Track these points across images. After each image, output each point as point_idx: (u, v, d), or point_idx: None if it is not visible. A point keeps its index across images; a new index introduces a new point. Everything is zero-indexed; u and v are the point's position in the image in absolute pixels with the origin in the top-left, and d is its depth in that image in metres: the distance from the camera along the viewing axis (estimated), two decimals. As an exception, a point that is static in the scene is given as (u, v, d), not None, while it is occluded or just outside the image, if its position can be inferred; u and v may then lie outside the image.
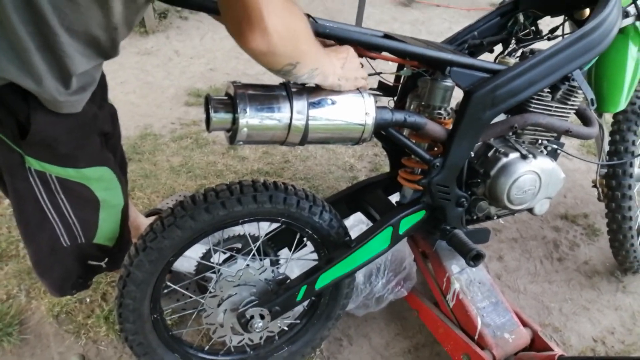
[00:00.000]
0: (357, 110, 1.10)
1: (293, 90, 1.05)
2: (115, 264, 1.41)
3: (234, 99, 1.01)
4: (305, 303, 1.53)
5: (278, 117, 1.03)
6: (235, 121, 1.02)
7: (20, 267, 1.83)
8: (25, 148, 1.06)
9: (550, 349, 1.54)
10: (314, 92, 1.08)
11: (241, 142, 1.05)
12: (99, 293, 1.77)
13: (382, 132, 1.25)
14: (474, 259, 1.34)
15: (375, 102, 1.14)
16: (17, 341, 1.61)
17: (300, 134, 1.06)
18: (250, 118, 1.01)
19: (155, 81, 2.99)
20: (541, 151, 1.48)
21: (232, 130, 1.04)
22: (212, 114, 1.01)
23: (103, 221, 1.30)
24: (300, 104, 1.04)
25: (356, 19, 3.65)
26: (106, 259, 1.39)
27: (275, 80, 1.06)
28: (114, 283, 1.80)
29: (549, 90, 1.38)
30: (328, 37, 1.13)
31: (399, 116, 1.19)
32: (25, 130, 1.02)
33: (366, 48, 1.19)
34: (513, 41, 1.59)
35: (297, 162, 2.50)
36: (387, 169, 2.50)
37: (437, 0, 4.61)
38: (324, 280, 1.38)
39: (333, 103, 1.08)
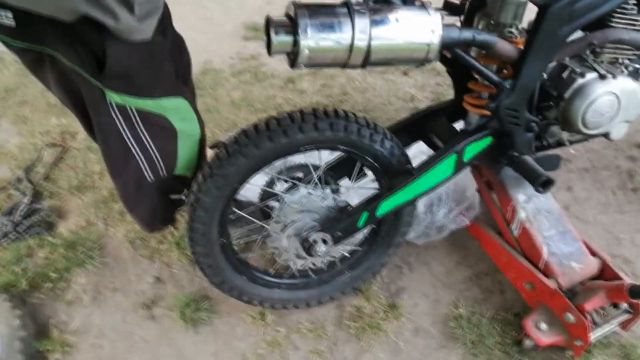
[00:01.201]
0: (422, 28, 1.05)
1: (355, 8, 1.01)
2: None
3: (295, 20, 0.99)
4: (366, 230, 1.54)
5: (340, 37, 1.00)
6: (296, 43, 1.00)
7: (97, 197, 1.95)
8: (104, 82, 1.12)
9: (620, 279, 1.49)
10: (377, 10, 1.03)
11: (302, 65, 1.03)
12: (169, 221, 1.86)
13: (448, 53, 1.19)
14: (543, 185, 1.29)
15: (442, 19, 1.08)
16: (98, 263, 1.74)
17: (362, 54, 1.03)
18: (312, 39, 0.98)
19: (213, 16, 2.98)
20: (621, 71, 1.36)
21: (293, 53, 1.02)
22: (272, 37, 1.00)
23: (181, 150, 1.36)
24: (362, 23, 1.00)
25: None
26: (186, 191, 1.45)
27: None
28: (184, 212, 1.89)
29: (635, 1, 1.25)
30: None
31: (467, 34, 1.12)
32: (102, 64, 1.07)
33: (432, -39, 1.11)
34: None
35: (355, 94, 2.45)
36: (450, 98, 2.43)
37: None
38: (385, 207, 1.38)
39: (397, 21, 1.03)
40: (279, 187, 1.53)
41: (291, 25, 1.01)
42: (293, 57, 1.03)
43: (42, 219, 1.83)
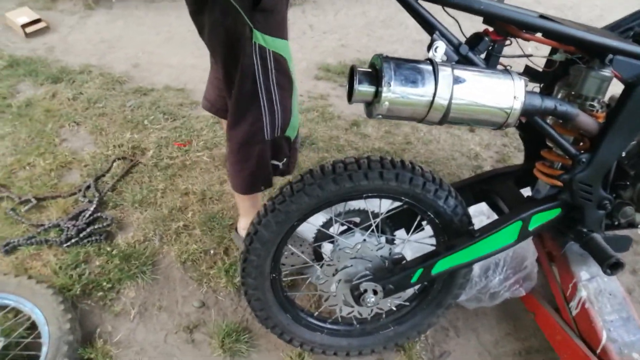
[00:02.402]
0: (505, 92, 1.04)
1: (439, 66, 1.02)
2: (289, 168, 1.69)
3: (379, 71, 1.01)
4: (417, 286, 1.51)
5: (421, 93, 1.01)
6: (377, 94, 1.01)
7: (157, 214, 2.01)
8: (254, 20, 1.35)
9: (687, 380, 1.38)
10: (461, 70, 1.04)
11: (380, 116, 1.04)
12: (222, 247, 1.90)
13: (524, 118, 1.18)
14: (612, 267, 1.23)
15: (526, 85, 1.07)
16: (149, 279, 1.78)
17: (441, 112, 1.03)
18: (394, 92, 1.00)
19: (288, 54, 3.09)
20: None
21: (373, 103, 1.04)
22: (355, 86, 1.02)
23: (293, 107, 1.54)
24: (445, 82, 1.01)
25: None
26: (285, 160, 1.64)
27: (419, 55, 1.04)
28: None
29: None
30: (482, 13, 1.08)
31: (549, 103, 1.11)
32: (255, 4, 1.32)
33: (520, 27, 1.12)
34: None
35: (419, 144, 2.45)
36: (515, 161, 2.39)
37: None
38: (441, 266, 1.35)
39: (480, 83, 1.03)
40: (335, 229, 1.53)
41: (375, 76, 1.03)
42: (372, 107, 1.05)
43: (103, 228, 1.91)
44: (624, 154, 1.29)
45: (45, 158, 2.21)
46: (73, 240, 1.84)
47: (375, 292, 1.36)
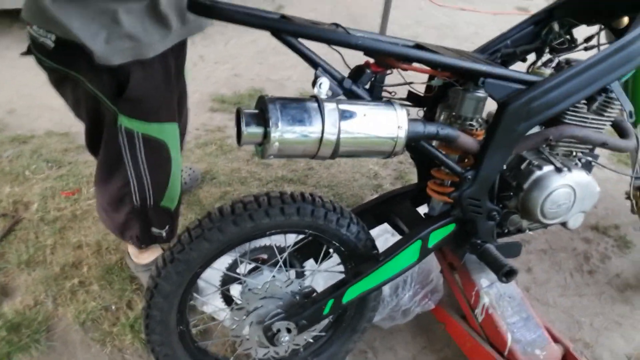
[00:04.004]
0: (389, 123, 1.08)
1: (325, 103, 1.03)
2: (172, 234, 1.68)
3: (266, 112, 1.00)
4: (331, 316, 1.51)
5: (310, 130, 1.01)
6: (266, 135, 1.00)
7: (47, 273, 1.84)
8: (120, 105, 1.32)
9: (583, 367, 1.50)
10: (345, 104, 1.06)
11: (272, 156, 1.03)
12: (124, 301, 1.78)
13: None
14: (506, 275, 1.31)
15: (407, 114, 1.11)
16: (45, 348, 1.62)
17: (331, 148, 1.05)
18: (282, 132, 0.99)
19: (180, 87, 3.02)
20: (575, 164, 1.43)
21: (264, 144, 1.03)
22: (243, 128, 1.00)
23: (172, 181, 1.52)
24: (332, 118, 1.02)
25: (381, 24, 3.63)
26: (167, 227, 1.63)
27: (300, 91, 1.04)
28: (139, 291, 1.81)
29: (585, 101, 1.34)
30: (359, 48, 1.11)
31: (432, 129, 1.16)
32: (122, 88, 1.29)
33: (398, 59, 1.16)
34: (547, 50, 1.54)
35: (321, 169, 2.48)
36: (412, 177, 2.49)
37: (462, 3, 4.54)
38: (351, 294, 1.35)
39: (365, 116, 1.06)
40: (242, 269, 1.49)
41: (262, 117, 1.02)
42: (263, 148, 1.04)
43: (-16, 297, 1.71)
44: (505, 167, 1.38)
45: None
46: (-52, 317, 1.63)
47: (289, 330, 1.34)
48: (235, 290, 1.53)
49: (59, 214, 2.07)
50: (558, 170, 1.34)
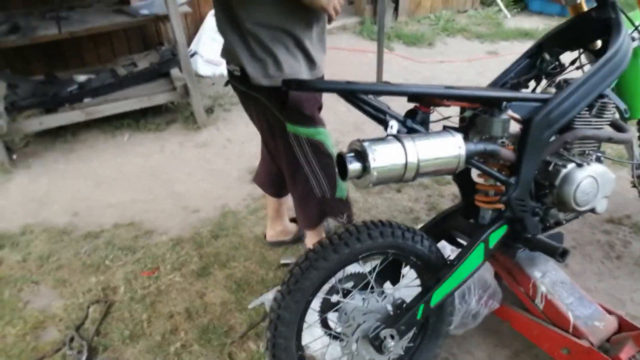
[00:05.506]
0: (452, 146, 1.39)
1: (403, 138, 1.35)
2: (350, 219, 2.11)
3: (363, 151, 1.30)
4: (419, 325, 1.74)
5: (396, 160, 1.32)
6: (366, 168, 1.30)
7: (150, 343, 2.05)
8: (284, 114, 1.83)
9: (638, 328, 1.73)
10: (417, 137, 1.37)
11: (371, 184, 1.33)
12: (225, 354, 1.98)
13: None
14: (561, 255, 1.58)
15: (463, 137, 1.43)
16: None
17: (414, 171, 1.35)
18: (378, 164, 1.29)
19: (218, 167, 3.33)
20: (590, 159, 1.75)
21: (364, 176, 1.32)
22: (349, 166, 1.30)
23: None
24: (411, 148, 1.33)
25: (376, 77, 4.08)
26: (345, 215, 2.08)
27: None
28: (235, 344, 2.01)
29: (586, 108, 1.67)
30: (416, 95, 1.45)
31: (480, 146, 1.48)
32: (283, 103, 1.79)
33: (441, 98, 1.50)
34: (543, 76, 1.91)
35: (362, 213, 2.76)
36: (443, 206, 2.78)
37: (439, 57, 5.05)
38: (437, 297, 1.61)
39: (434, 143, 1.37)
40: (336, 297, 1.73)
41: (359, 156, 1.32)
42: (362, 179, 1.34)
43: (102, 373, 1.91)
44: (535, 172, 1.69)
45: (14, 325, 2.16)
46: (78, 394, 1.82)
47: (392, 337, 1.58)
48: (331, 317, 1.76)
49: (146, 291, 2.30)
50: (579, 165, 1.64)
